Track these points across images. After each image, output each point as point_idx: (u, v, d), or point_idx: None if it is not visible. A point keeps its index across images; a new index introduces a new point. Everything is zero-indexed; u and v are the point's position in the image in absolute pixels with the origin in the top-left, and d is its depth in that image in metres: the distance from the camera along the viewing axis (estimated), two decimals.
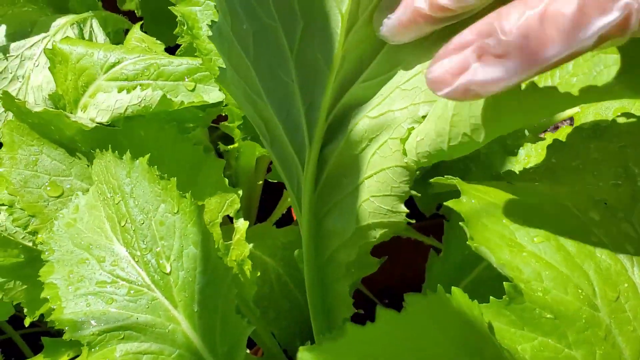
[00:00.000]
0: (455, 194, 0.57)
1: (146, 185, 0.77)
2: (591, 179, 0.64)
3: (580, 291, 0.52)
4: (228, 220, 0.92)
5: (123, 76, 0.80)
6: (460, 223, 0.53)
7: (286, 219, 1.28)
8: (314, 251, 0.72)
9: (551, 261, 0.53)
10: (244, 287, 0.84)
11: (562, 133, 0.78)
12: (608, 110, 0.75)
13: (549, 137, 0.79)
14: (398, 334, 0.43)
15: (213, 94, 0.76)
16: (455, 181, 0.57)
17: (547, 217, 0.56)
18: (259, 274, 0.87)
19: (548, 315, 0.51)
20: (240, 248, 0.85)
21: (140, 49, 0.92)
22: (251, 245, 1.03)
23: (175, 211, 0.76)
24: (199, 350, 0.77)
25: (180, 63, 0.80)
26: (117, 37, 1.10)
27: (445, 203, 0.55)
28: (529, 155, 0.78)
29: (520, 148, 0.79)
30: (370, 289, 1.15)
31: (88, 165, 0.83)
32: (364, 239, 0.68)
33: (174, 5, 0.85)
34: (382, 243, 1.18)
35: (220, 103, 0.81)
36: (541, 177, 0.69)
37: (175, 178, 0.74)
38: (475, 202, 0.55)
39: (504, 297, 0.50)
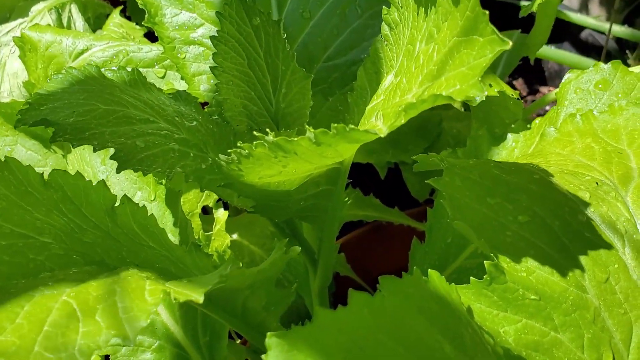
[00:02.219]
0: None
1: (121, 173, 0.75)
2: (583, 159, 0.61)
3: (566, 272, 0.49)
4: (209, 210, 0.90)
5: (92, 63, 0.77)
6: (441, 201, 0.51)
7: None
8: None
9: (536, 240, 0.50)
10: None
11: (550, 116, 0.75)
12: (589, 83, 0.73)
13: (538, 121, 0.76)
14: (373, 317, 0.41)
15: (183, 82, 0.74)
16: (439, 157, 0.54)
17: (533, 195, 0.53)
18: (241, 264, 0.85)
19: (532, 297, 0.48)
20: (220, 238, 0.82)
21: (118, 34, 0.89)
22: (236, 235, 1.01)
23: (152, 198, 0.74)
24: (179, 340, 0.74)
25: (149, 49, 0.77)
26: (98, 22, 1.07)
27: (427, 181, 0.53)
28: (517, 141, 0.75)
29: (508, 134, 0.76)
30: (364, 277, 1.13)
31: (63, 156, 0.81)
32: None
33: None
34: (376, 230, 1.16)
35: None
36: (530, 158, 0.67)
37: None
38: (459, 181, 0.53)
39: (484, 277, 0.48)
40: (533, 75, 1.71)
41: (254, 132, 0.68)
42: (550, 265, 0.49)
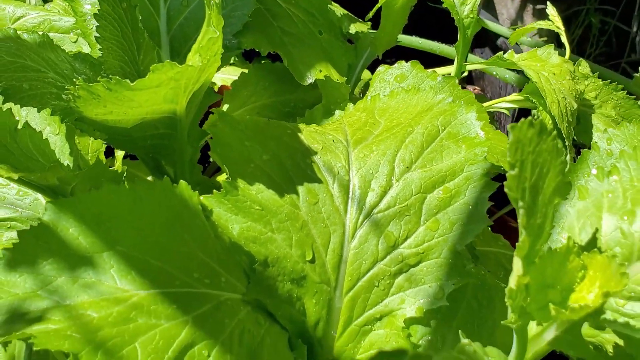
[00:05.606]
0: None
1: (38, 113, 0.99)
2: (346, 126, 0.83)
3: (286, 194, 0.72)
4: None
5: (24, 27, 1.02)
6: (209, 141, 0.74)
7: None
8: None
9: (270, 172, 0.73)
10: None
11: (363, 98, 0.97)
12: (390, 76, 0.95)
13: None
14: (118, 198, 0.64)
15: (88, 46, 0.98)
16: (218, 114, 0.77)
17: (280, 143, 0.76)
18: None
19: (257, 207, 0.71)
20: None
21: (61, 7, 1.14)
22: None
23: (57, 132, 0.98)
24: None
25: (67, 20, 1.02)
26: None
27: (203, 127, 0.76)
28: (341, 115, 0.96)
29: (336, 110, 0.97)
30: None
31: None
32: None
33: None
34: None
35: None
36: (326, 124, 0.89)
37: None
38: (228, 129, 0.76)
39: (221, 189, 0.70)
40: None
41: None
42: (275, 189, 0.72)
